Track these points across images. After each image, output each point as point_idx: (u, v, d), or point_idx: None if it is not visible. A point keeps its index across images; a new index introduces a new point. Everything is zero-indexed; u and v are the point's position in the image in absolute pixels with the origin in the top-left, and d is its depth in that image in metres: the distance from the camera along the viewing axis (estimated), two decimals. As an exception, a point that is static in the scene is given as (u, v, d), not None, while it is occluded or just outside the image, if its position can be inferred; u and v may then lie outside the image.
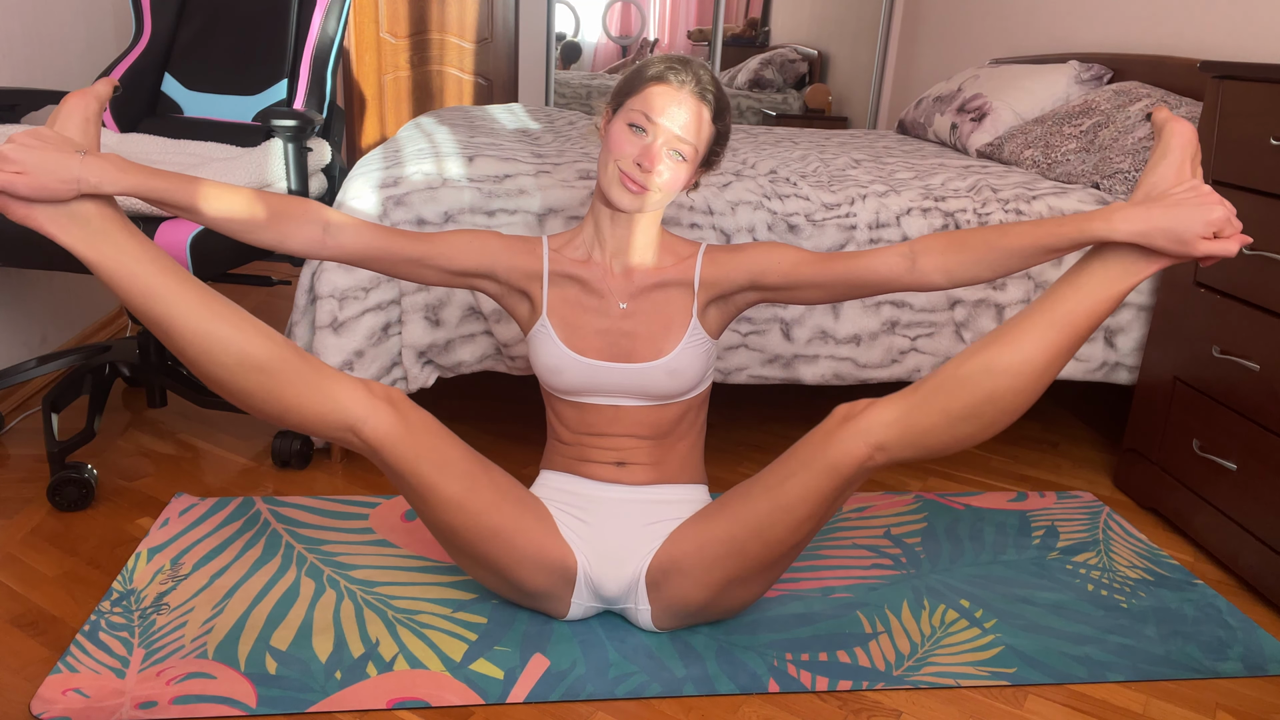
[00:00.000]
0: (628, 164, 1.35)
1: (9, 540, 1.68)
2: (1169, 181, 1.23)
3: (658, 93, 1.35)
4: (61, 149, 1.17)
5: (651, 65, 1.38)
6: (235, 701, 1.30)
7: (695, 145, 1.38)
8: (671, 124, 1.34)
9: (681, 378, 1.46)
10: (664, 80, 1.35)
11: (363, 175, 1.93)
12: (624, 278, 1.47)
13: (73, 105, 1.23)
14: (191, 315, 1.22)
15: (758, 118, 4.73)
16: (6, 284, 2.27)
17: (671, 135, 1.35)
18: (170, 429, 2.18)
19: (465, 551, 1.41)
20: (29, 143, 1.15)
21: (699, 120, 1.37)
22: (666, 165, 1.36)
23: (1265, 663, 1.51)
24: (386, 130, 4.38)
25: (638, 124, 1.35)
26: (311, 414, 1.27)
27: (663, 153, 1.35)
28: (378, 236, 1.39)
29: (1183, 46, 2.59)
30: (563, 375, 1.46)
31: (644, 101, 1.35)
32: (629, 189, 1.36)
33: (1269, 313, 1.68)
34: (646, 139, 1.35)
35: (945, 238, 1.34)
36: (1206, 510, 1.81)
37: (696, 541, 1.38)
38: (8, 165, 1.14)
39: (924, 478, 2.14)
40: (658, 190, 1.37)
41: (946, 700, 1.39)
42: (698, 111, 1.36)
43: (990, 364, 1.24)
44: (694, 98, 1.36)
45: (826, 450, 1.29)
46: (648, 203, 1.38)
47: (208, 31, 2.34)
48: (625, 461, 1.50)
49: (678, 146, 1.36)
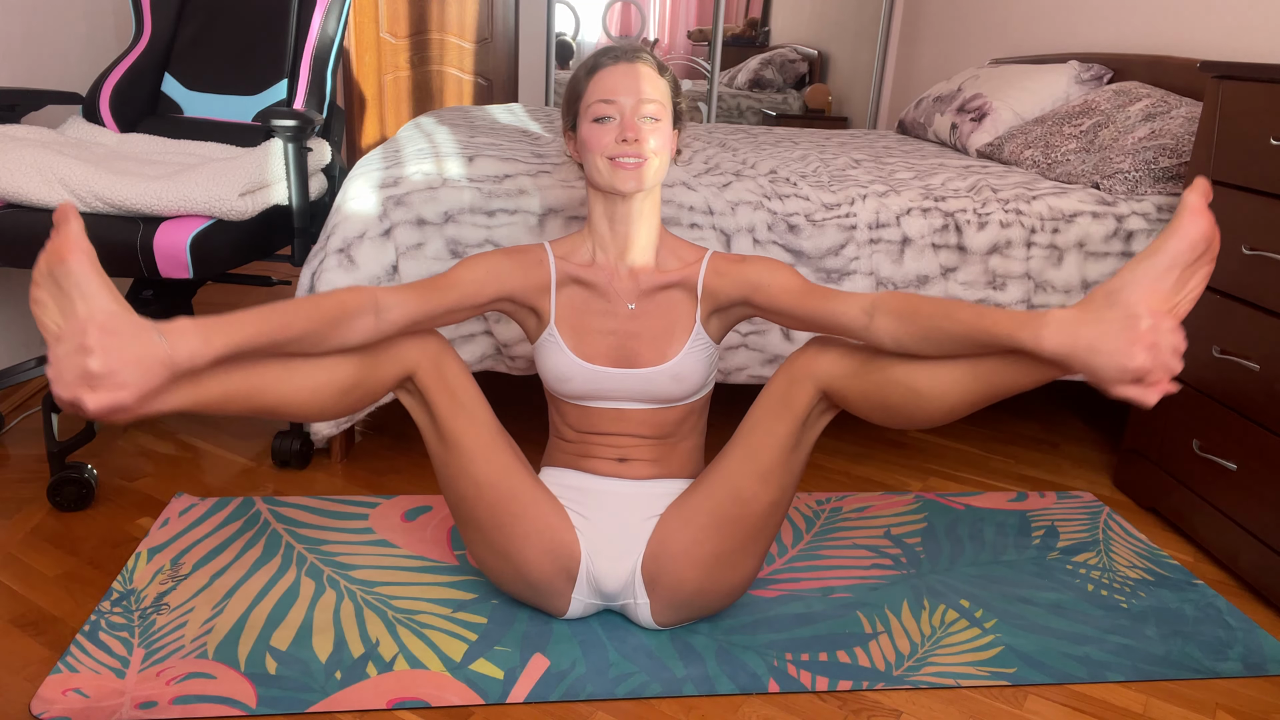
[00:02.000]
0: (613, 149, 1.39)
1: (9, 540, 1.68)
2: (1140, 291, 1.12)
3: (602, 77, 1.41)
4: (138, 337, 1.08)
5: (583, 66, 1.46)
6: (235, 701, 1.30)
7: (659, 100, 1.42)
8: (630, 95, 1.39)
9: (686, 382, 1.48)
10: (600, 67, 1.42)
11: (363, 175, 1.93)
12: (630, 279, 1.48)
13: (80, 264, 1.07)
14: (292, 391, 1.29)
15: (758, 118, 4.73)
16: (6, 284, 2.27)
17: (635, 102, 1.39)
18: (170, 429, 2.18)
19: (480, 520, 1.43)
20: (106, 341, 1.05)
21: (650, 79, 1.42)
22: (647, 129, 1.40)
23: (1265, 663, 1.51)
24: (386, 130, 4.38)
25: (601, 114, 1.40)
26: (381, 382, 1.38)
27: (637, 122, 1.39)
28: (421, 305, 1.39)
29: (1183, 46, 2.59)
30: (570, 383, 1.48)
31: (595, 93, 1.41)
32: (627, 169, 1.39)
33: (1269, 313, 1.68)
34: (617, 120, 1.40)
35: (903, 302, 1.32)
36: (1206, 510, 1.81)
37: (680, 518, 1.43)
38: (103, 382, 1.05)
39: (924, 478, 2.14)
40: (653, 155, 1.40)
41: (946, 700, 1.40)
42: (643, 73, 1.42)
43: (913, 381, 1.30)
44: (632, 64, 1.42)
45: (782, 396, 1.40)
46: (649, 173, 1.41)
47: (208, 31, 2.34)
48: (627, 458, 1.52)
49: (646, 110, 1.40)
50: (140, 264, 1.73)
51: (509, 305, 1.50)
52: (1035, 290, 2.03)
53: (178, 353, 1.10)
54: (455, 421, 1.41)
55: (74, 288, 1.07)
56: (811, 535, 1.84)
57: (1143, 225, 2.04)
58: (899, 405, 1.32)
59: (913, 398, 1.30)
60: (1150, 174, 2.09)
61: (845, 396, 1.37)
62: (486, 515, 1.42)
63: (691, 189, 1.93)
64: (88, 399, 1.05)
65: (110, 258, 1.73)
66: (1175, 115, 2.23)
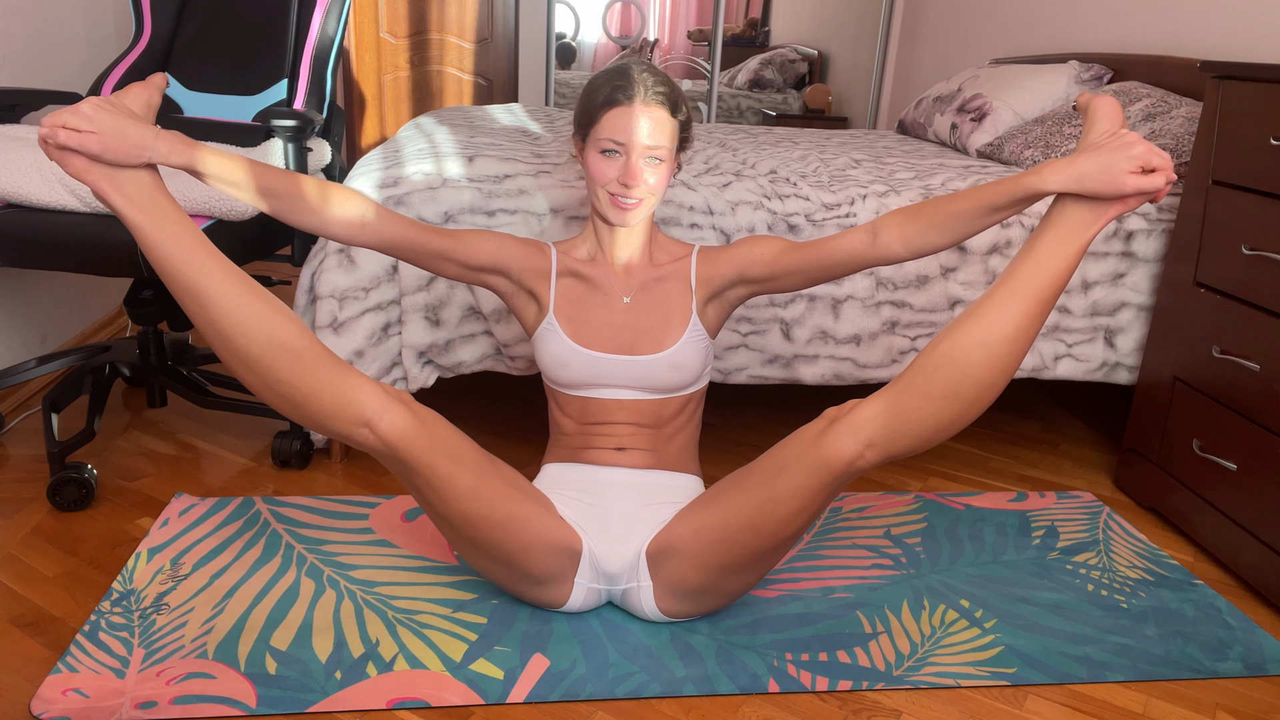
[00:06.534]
0: (614, 187, 1.46)
1: (9, 540, 1.68)
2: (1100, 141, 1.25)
3: (614, 116, 1.44)
4: (136, 117, 1.22)
5: (599, 91, 1.46)
6: (235, 701, 1.30)
7: (666, 145, 1.46)
8: (638, 138, 1.44)
9: (684, 371, 1.53)
10: (615, 103, 1.44)
11: (363, 175, 1.93)
12: (625, 274, 1.55)
13: (137, 91, 1.27)
14: (229, 289, 1.23)
15: (758, 118, 4.73)
16: (6, 284, 2.27)
17: (642, 148, 1.44)
18: (170, 429, 2.18)
19: (475, 542, 1.41)
20: (106, 106, 1.19)
21: (660, 124, 1.45)
22: (648, 173, 1.45)
23: (1265, 663, 1.51)
24: (386, 130, 4.38)
25: (608, 149, 1.45)
26: (330, 404, 1.25)
27: (640, 165, 1.44)
28: (410, 228, 1.46)
29: (1183, 46, 2.59)
30: (569, 368, 1.52)
31: (606, 129, 1.44)
32: (623, 209, 1.47)
33: (1269, 313, 1.68)
34: (621, 159, 1.45)
35: (902, 211, 1.42)
36: (1206, 510, 1.81)
37: (692, 527, 1.40)
38: (84, 124, 1.16)
39: (924, 478, 2.14)
40: (650, 195, 1.48)
41: (946, 700, 1.40)
42: (656, 117, 1.44)
43: (960, 342, 1.25)
44: (647, 106, 1.44)
45: (817, 448, 1.28)
46: (641, 211, 1.49)
47: (208, 31, 2.33)
48: (625, 447, 1.57)
49: (651, 154, 1.45)
50: (140, 264, 1.73)
51: (505, 284, 1.54)
52: (1035, 290, 2.03)
53: (160, 140, 1.22)
54: (435, 470, 1.31)
55: (124, 95, 1.25)
56: (811, 535, 1.84)
57: (1143, 225, 2.04)
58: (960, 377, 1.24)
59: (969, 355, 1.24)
60: (1150, 174, 2.09)
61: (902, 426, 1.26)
62: (485, 541, 1.40)
63: (691, 189, 1.93)
64: (61, 134, 1.15)
65: (110, 258, 1.73)
66: (1175, 115, 2.23)
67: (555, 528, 1.42)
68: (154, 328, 2.08)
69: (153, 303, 2.05)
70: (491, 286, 1.55)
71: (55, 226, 1.73)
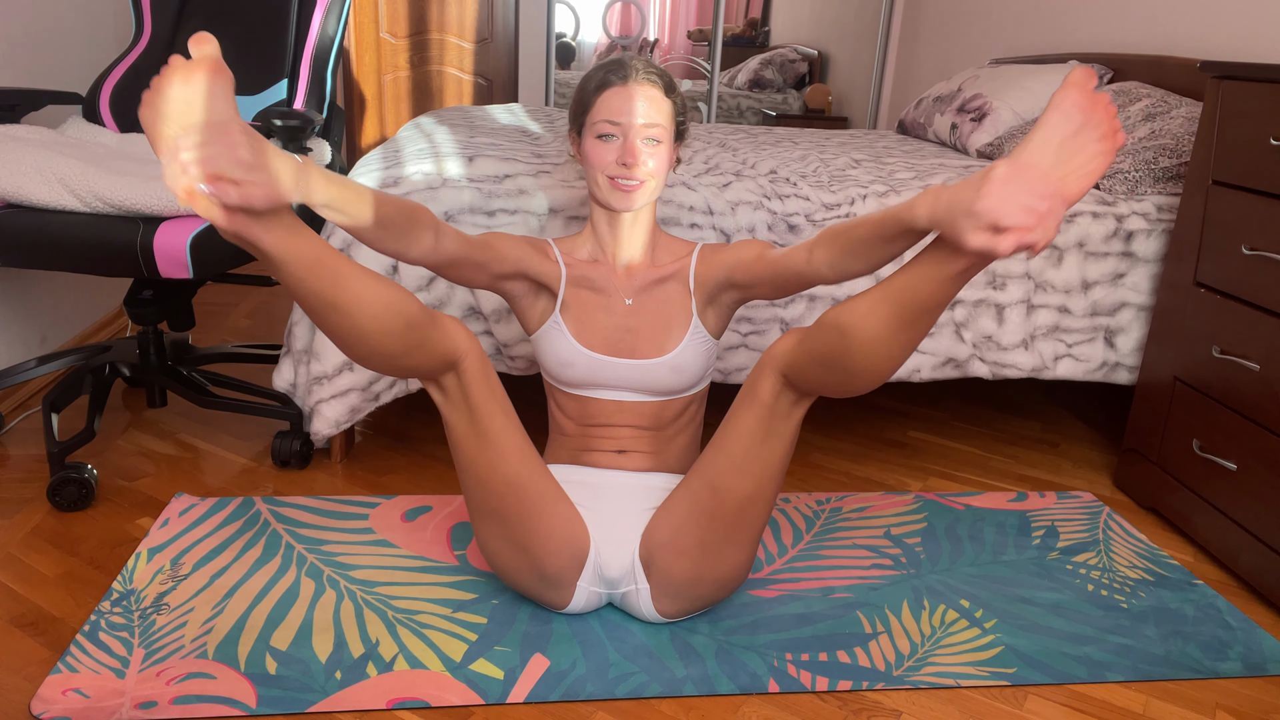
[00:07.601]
0: (613, 169, 1.45)
1: (9, 540, 1.68)
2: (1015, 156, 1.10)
3: (609, 97, 1.45)
4: (281, 153, 1.08)
5: (592, 78, 1.48)
6: (235, 701, 1.30)
7: (663, 124, 1.46)
8: (634, 117, 1.44)
9: (684, 374, 1.53)
10: (608, 85, 1.45)
11: (363, 175, 1.93)
12: (626, 275, 1.55)
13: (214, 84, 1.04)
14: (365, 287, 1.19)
15: (758, 118, 4.73)
16: (6, 284, 2.27)
17: (639, 127, 1.44)
18: (170, 429, 2.18)
19: (503, 516, 1.42)
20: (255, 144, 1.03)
21: (656, 102, 1.46)
22: (647, 153, 1.45)
23: (1265, 663, 1.51)
24: (386, 130, 4.38)
25: (605, 133, 1.45)
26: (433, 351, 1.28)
27: (639, 144, 1.44)
28: (465, 244, 1.43)
29: (1183, 46, 2.59)
30: (572, 369, 1.52)
31: (601, 111, 1.45)
32: (624, 191, 1.46)
33: (1269, 313, 1.68)
34: (619, 140, 1.45)
35: (830, 231, 1.33)
36: (1206, 510, 1.81)
37: (664, 509, 1.44)
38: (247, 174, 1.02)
39: (924, 478, 2.14)
40: (650, 178, 1.47)
41: (946, 700, 1.40)
42: (651, 96, 1.45)
43: (836, 319, 1.21)
44: (641, 86, 1.45)
45: (750, 387, 1.35)
46: (644, 195, 1.47)
47: (208, 31, 2.34)
48: (626, 449, 1.57)
49: (649, 133, 1.45)
50: (140, 264, 1.73)
51: (522, 285, 1.54)
52: (1035, 290, 2.03)
53: (308, 177, 1.11)
54: (493, 419, 1.38)
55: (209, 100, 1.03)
56: (811, 535, 1.84)
57: (1143, 225, 2.04)
58: (836, 354, 1.23)
59: (841, 339, 1.21)
60: (1150, 174, 2.09)
61: (800, 371, 1.28)
62: (514, 510, 1.41)
63: (691, 189, 1.93)
64: (230, 190, 1.01)
65: (110, 258, 1.73)
66: (1175, 115, 2.23)
67: (573, 519, 1.43)
68: (154, 328, 2.08)
69: (153, 303, 2.05)
70: (507, 291, 1.54)
71: (55, 226, 1.73)
